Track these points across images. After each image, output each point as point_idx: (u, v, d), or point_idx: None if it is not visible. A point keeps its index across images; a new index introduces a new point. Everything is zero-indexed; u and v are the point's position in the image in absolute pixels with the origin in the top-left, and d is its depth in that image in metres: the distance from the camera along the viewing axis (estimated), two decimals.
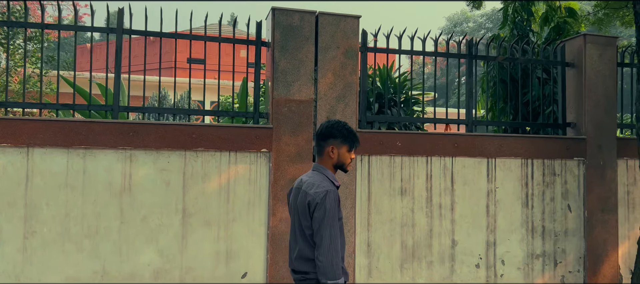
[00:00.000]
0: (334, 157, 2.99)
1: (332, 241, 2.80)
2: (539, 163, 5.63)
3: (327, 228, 2.79)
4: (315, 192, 2.84)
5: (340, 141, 3.00)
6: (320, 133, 3.04)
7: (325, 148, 3.00)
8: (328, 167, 3.02)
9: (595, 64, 5.80)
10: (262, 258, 4.89)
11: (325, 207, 2.80)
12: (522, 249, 5.55)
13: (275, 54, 4.97)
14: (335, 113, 5.07)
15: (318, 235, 2.81)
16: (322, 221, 2.80)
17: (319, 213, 2.81)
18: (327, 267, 2.78)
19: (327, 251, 2.78)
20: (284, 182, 4.90)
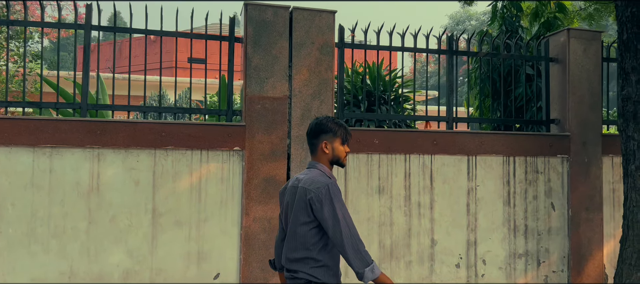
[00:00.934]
0: (329, 152, 2.95)
1: (350, 230, 2.73)
2: (521, 160, 5.51)
3: (342, 219, 2.73)
4: (317, 188, 2.77)
5: (332, 135, 2.95)
6: (310, 132, 3.00)
7: (318, 145, 2.96)
8: (324, 163, 2.96)
9: (580, 59, 5.67)
10: (235, 259, 4.78)
11: (332, 200, 2.74)
12: (504, 249, 5.43)
13: (248, 50, 4.87)
14: (311, 111, 4.97)
15: (336, 230, 2.72)
16: (333, 215, 2.73)
17: (327, 208, 2.74)
18: (356, 256, 2.71)
19: (350, 241, 2.71)
20: (257, 181, 4.80)
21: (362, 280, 2.73)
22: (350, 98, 7.99)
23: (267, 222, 4.80)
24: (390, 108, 7.54)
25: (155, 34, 4.94)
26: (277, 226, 4.82)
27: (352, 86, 7.89)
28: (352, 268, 2.73)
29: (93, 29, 4.77)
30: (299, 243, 2.84)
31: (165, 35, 4.95)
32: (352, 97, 7.85)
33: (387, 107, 7.65)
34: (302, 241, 2.83)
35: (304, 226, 2.82)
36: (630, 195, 4.73)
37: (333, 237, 2.74)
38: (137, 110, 4.85)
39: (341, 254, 2.76)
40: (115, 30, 4.82)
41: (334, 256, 2.88)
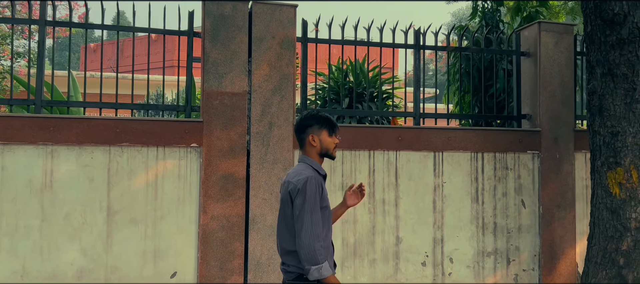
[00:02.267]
0: (317, 145, 2.95)
1: (313, 226, 2.74)
2: (489, 156, 5.40)
3: (307, 213, 2.75)
4: (297, 180, 2.82)
5: (318, 127, 2.97)
6: (297, 128, 3.03)
7: (305, 139, 2.98)
8: (313, 157, 2.97)
9: (551, 53, 5.55)
10: (192, 257, 4.70)
11: (305, 193, 2.76)
12: (472, 247, 5.32)
13: (206, 45, 4.78)
14: (271, 106, 4.88)
15: (298, 222, 2.76)
16: (302, 207, 2.76)
17: (299, 200, 2.78)
18: (307, 252, 2.72)
19: (306, 236, 2.73)
20: (215, 178, 4.71)
21: (307, 276, 2.74)
22: (332, 94, 7.92)
23: (226, 220, 4.71)
24: (370, 105, 7.44)
25: (112, 29, 4.86)
26: (235, 224, 4.74)
27: (334, 82, 7.82)
28: (301, 261, 2.75)
29: (48, 24, 4.70)
30: (289, 236, 2.86)
31: (122, 29, 4.87)
32: (334, 94, 7.78)
33: (370, 104, 7.56)
34: (291, 234, 2.85)
35: (291, 218, 2.85)
36: (596, 192, 4.61)
37: (295, 225, 2.78)
38: (94, 107, 4.77)
39: (297, 245, 2.77)
40: (70, 26, 4.74)
41: (326, 248, 2.86)
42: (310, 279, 2.74)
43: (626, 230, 4.35)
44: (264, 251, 4.77)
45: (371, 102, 7.68)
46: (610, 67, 4.41)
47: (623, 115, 4.39)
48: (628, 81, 4.34)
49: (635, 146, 4.34)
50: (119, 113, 4.88)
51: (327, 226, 2.92)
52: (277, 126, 4.86)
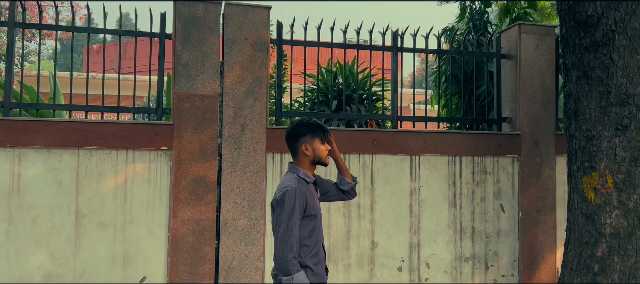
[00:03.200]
0: (310, 154, 2.95)
1: (287, 237, 2.74)
2: (468, 160, 5.31)
3: (283, 224, 2.76)
4: (279, 191, 2.84)
5: (310, 136, 2.97)
6: (289, 136, 3.02)
7: (298, 149, 2.97)
8: (303, 165, 2.97)
9: (531, 55, 5.46)
10: (162, 262, 4.64)
11: (283, 204, 2.78)
12: (449, 252, 5.24)
13: (177, 47, 4.73)
14: (244, 109, 4.81)
15: (276, 232, 2.80)
16: (279, 217, 2.78)
17: (277, 210, 2.81)
18: (280, 262, 2.74)
19: (280, 246, 2.75)
20: (186, 182, 4.65)
21: None
22: (321, 96, 7.85)
23: (196, 224, 4.66)
24: (359, 108, 7.37)
25: (83, 31, 4.82)
26: (206, 228, 4.68)
27: (323, 85, 7.75)
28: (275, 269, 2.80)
29: (17, 26, 4.65)
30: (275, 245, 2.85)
31: (93, 32, 4.82)
32: (323, 96, 7.72)
33: (359, 106, 7.48)
34: None
35: None
36: (572, 197, 4.52)
37: (274, 237, 2.81)
38: (63, 109, 4.72)
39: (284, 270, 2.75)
40: (40, 28, 4.70)
41: (315, 255, 2.88)
42: None
43: (601, 235, 4.26)
44: (235, 256, 4.71)
45: (361, 105, 7.62)
46: (585, 70, 4.33)
47: (598, 118, 4.30)
48: (603, 84, 4.26)
49: (610, 150, 4.25)
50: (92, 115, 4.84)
51: (316, 233, 2.91)
52: (250, 129, 4.80)
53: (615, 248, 4.22)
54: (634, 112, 4.21)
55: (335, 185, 3.26)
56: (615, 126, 4.24)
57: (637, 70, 4.21)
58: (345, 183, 3.24)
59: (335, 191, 3.25)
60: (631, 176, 4.20)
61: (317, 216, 2.91)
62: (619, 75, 4.20)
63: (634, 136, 4.22)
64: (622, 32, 4.17)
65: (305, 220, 2.84)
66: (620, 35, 4.17)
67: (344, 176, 3.25)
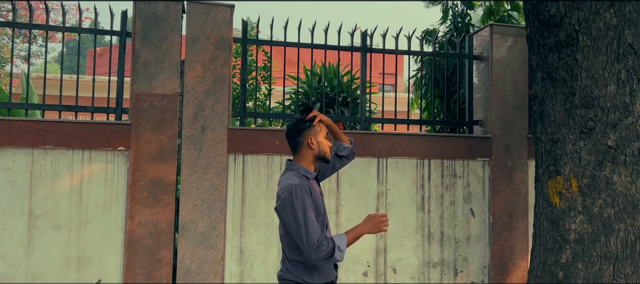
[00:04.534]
0: (315, 148, 2.80)
1: (308, 230, 2.57)
2: (437, 163, 5.20)
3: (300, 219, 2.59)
4: (283, 193, 2.67)
5: (314, 129, 2.83)
6: (293, 130, 2.85)
7: (303, 142, 2.81)
8: (306, 161, 2.81)
9: (504, 57, 5.35)
10: (118, 264, 4.54)
11: (292, 203, 2.61)
12: (417, 257, 5.11)
13: (136, 45, 4.63)
14: (205, 109, 4.71)
15: (297, 234, 2.60)
16: (294, 217, 2.60)
17: (288, 211, 2.63)
18: (317, 254, 2.57)
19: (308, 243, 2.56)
20: (143, 183, 4.55)
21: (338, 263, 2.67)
22: (304, 98, 7.75)
23: (153, 226, 4.55)
24: (345, 110, 7.28)
25: (40, 28, 4.73)
26: (163, 230, 4.57)
27: (307, 87, 7.66)
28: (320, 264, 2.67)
29: None
30: (288, 244, 2.75)
31: (51, 29, 4.73)
32: (306, 98, 7.62)
33: (342, 109, 7.38)
34: (288, 245, 2.75)
35: (282, 229, 2.77)
36: (538, 201, 4.39)
37: (296, 239, 2.64)
38: (19, 108, 4.63)
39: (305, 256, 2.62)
40: None
41: None
42: (340, 260, 2.65)
43: (565, 241, 4.13)
44: (193, 259, 4.60)
45: (344, 107, 7.52)
46: (549, 71, 4.21)
47: (563, 121, 4.18)
48: (567, 85, 4.14)
49: (575, 154, 4.13)
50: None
51: (322, 231, 2.77)
52: (211, 129, 4.70)
53: (579, 255, 4.09)
54: (599, 115, 4.09)
55: (334, 156, 3.14)
56: (580, 129, 4.11)
57: (603, 72, 4.09)
58: (343, 149, 3.15)
59: (336, 161, 3.14)
60: (596, 181, 4.08)
61: (321, 212, 2.78)
62: (583, 77, 4.09)
63: (599, 139, 4.09)
64: (586, 32, 4.05)
65: None
66: (584, 36, 4.05)
67: (341, 141, 3.15)
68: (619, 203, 4.07)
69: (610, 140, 4.08)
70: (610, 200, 4.06)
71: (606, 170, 4.08)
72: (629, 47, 4.18)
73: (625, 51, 4.13)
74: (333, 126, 3.04)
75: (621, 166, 4.08)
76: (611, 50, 4.10)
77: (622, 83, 4.13)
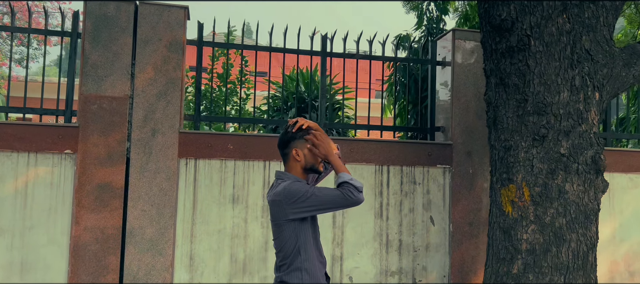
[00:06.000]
0: (301, 160, 2.72)
1: (327, 194, 2.58)
2: (396, 170, 5.10)
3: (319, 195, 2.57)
4: (277, 196, 2.61)
5: (303, 141, 2.73)
6: (280, 142, 2.78)
7: (289, 155, 2.74)
8: (295, 173, 2.73)
9: (466, 62, 5.26)
10: (63, 270, 4.43)
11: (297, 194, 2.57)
12: (374, 265, 5.01)
13: (86, 46, 4.54)
14: (155, 112, 4.61)
15: (328, 207, 2.61)
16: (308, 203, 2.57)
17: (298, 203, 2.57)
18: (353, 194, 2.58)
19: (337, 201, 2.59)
20: (90, 187, 4.45)
21: None
22: (280, 103, 7.66)
23: (100, 232, 4.44)
24: None
25: None
26: (110, 236, 4.47)
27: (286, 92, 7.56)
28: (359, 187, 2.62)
29: None
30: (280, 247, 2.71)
31: (3, 30, 4.63)
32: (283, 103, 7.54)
33: (316, 114, 7.29)
34: (281, 251, 2.70)
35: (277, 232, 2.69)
36: (492, 210, 4.30)
37: (330, 204, 2.61)
38: None
39: (350, 196, 2.58)
40: None
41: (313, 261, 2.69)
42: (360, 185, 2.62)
43: (517, 251, 4.03)
44: (141, 265, 4.49)
45: (317, 112, 7.43)
46: (501, 77, 4.12)
47: (516, 128, 4.09)
48: (520, 92, 4.05)
49: (527, 161, 4.04)
50: None
51: (316, 238, 2.75)
52: (161, 133, 4.60)
53: (530, 265, 3.99)
54: (552, 122, 4.00)
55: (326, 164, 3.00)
56: (533, 136, 4.02)
57: (556, 78, 4.00)
58: None
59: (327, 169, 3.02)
60: (548, 189, 3.98)
61: (315, 218, 2.75)
62: (536, 83, 4.00)
63: (551, 147, 4.00)
64: (538, 37, 3.97)
65: (304, 223, 2.65)
66: (536, 41, 3.97)
67: None
68: (571, 212, 3.98)
69: (563, 148, 4.00)
70: (562, 210, 3.97)
71: (558, 178, 3.99)
72: (587, 53, 4.10)
73: (580, 57, 4.05)
74: (322, 134, 2.88)
75: (574, 175, 3.99)
76: (564, 56, 4.02)
77: (576, 90, 4.05)
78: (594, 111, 4.11)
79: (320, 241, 2.78)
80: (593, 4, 4.14)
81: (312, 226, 2.72)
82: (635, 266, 5.53)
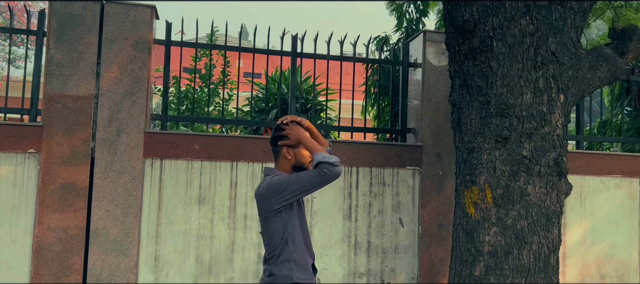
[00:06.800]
0: (291, 158, 2.79)
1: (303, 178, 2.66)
2: (365, 171, 5.08)
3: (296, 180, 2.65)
4: (265, 186, 2.70)
5: None
6: (272, 139, 2.87)
7: (280, 152, 2.82)
8: (283, 170, 2.81)
9: (436, 64, 5.26)
10: (25, 270, 4.39)
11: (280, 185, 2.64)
12: (342, 267, 4.99)
13: (51, 45, 4.51)
14: (121, 111, 4.59)
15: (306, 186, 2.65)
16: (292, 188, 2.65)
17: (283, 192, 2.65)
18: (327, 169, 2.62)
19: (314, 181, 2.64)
20: (54, 187, 4.41)
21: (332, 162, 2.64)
22: (262, 104, 7.64)
23: (64, 232, 4.41)
24: (304, 117, 7.18)
25: None
26: (74, 236, 4.44)
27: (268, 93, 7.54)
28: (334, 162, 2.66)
29: None
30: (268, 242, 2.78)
31: None
32: (265, 103, 7.52)
33: (302, 116, 7.27)
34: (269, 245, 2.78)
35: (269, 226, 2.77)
36: (456, 212, 4.29)
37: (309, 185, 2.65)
38: None
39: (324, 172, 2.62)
40: None
41: (302, 253, 2.76)
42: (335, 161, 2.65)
43: (479, 254, 4.02)
44: (105, 266, 4.46)
45: (303, 114, 7.41)
46: (465, 78, 4.11)
47: (479, 130, 4.08)
48: (482, 93, 4.04)
49: (490, 163, 4.03)
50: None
51: (304, 231, 2.82)
52: (126, 133, 4.57)
53: (492, 267, 3.98)
54: (515, 124, 3.99)
55: None
56: (495, 138, 4.02)
57: (518, 80, 3.99)
58: None
59: None
60: (510, 191, 3.98)
61: (302, 212, 2.83)
62: (498, 85, 3.99)
63: (514, 149, 3.99)
64: (500, 38, 3.96)
65: (291, 215, 2.72)
66: (499, 43, 3.96)
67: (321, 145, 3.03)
68: (532, 214, 3.97)
69: (525, 150, 3.99)
70: (524, 212, 3.97)
71: (521, 180, 3.98)
72: (552, 55, 4.10)
73: (545, 59, 4.05)
74: (314, 131, 2.95)
75: (536, 177, 3.99)
76: (528, 58, 4.01)
77: (539, 92, 4.04)
78: (558, 113, 4.11)
79: (308, 235, 2.86)
80: (560, 6, 4.14)
81: (300, 218, 2.79)
82: (606, 269, 5.53)
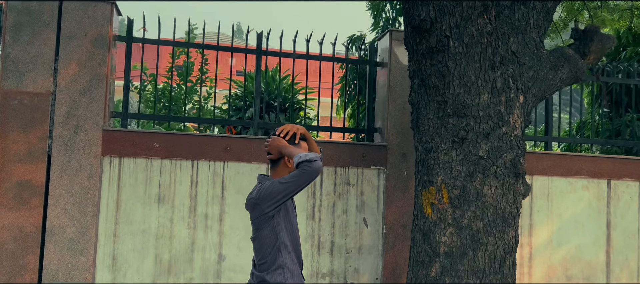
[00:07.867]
0: (291, 166, 2.81)
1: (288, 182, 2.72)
2: (330, 171, 5.05)
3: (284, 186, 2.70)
4: (258, 192, 2.76)
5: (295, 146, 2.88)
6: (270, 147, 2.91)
7: (281, 161, 2.87)
8: (280, 177, 2.83)
9: (402, 63, 5.22)
10: None
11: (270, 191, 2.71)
12: (305, 267, 4.94)
13: (7, 41, 4.45)
14: (79, 109, 4.53)
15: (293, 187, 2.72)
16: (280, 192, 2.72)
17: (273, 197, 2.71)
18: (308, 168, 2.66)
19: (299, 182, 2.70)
20: (9, 184, 4.35)
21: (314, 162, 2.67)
22: (239, 102, 7.59)
23: (19, 230, 4.35)
24: (282, 116, 7.14)
25: None
26: (29, 235, 4.38)
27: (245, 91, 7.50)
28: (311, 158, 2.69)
29: None
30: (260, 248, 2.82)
31: None
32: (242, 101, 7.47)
33: (280, 115, 7.22)
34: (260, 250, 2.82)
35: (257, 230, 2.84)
36: (414, 213, 4.25)
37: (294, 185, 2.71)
38: None
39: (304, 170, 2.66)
40: None
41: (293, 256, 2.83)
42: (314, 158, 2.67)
43: (435, 254, 3.99)
44: (61, 265, 4.40)
45: (282, 113, 7.37)
46: (423, 78, 4.08)
47: (436, 130, 4.05)
48: (440, 93, 4.01)
49: (446, 164, 4.00)
50: None
51: (295, 239, 2.89)
52: (84, 130, 4.51)
53: (447, 269, 3.95)
54: (472, 124, 3.96)
55: None
56: (452, 138, 3.98)
57: (475, 80, 3.96)
58: None
59: None
60: (466, 192, 3.95)
61: (294, 220, 2.89)
62: (455, 84, 3.96)
63: (470, 149, 3.96)
64: (457, 38, 3.93)
65: (282, 222, 2.79)
66: (456, 42, 3.93)
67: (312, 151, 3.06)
68: (488, 215, 3.95)
69: (482, 151, 3.96)
70: (480, 213, 3.94)
71: (477, 181, 3.95)
72: (513, 54, 4.08)
73: (505, 59, 4.02)
74: (308, 136, 2.98)
75: (492, 178, 3.96)
76: (485, 58, 3.98)
77: (497, 92, 4.01)
78: (517, 114, 4.08)
79: (299, 244, 2.93)
80: (523, 6, 4.12)
81: (291, 226, 2.85)
82: (573, 270, 5.52)
